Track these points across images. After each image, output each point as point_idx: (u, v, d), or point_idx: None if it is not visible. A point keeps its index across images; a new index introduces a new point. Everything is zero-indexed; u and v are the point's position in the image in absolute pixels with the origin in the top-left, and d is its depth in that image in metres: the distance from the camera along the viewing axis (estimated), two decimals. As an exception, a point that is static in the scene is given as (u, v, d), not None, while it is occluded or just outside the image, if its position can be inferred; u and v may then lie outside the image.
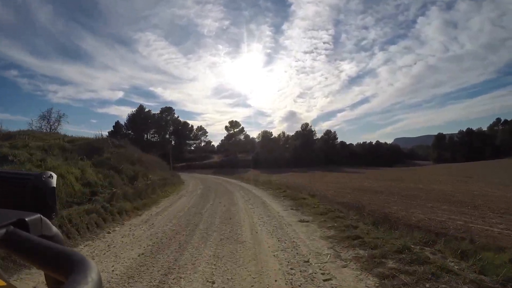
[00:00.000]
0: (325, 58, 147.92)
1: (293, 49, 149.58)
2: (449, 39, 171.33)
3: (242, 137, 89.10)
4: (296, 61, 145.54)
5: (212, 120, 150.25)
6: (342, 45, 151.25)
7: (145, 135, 71.91)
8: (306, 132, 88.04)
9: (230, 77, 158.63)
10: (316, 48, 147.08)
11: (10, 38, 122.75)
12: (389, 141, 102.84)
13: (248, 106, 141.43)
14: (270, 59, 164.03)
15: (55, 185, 0.59)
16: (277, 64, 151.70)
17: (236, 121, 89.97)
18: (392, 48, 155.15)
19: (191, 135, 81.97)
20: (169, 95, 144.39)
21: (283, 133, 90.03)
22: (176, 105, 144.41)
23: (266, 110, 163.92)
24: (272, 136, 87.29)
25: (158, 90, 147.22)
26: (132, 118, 69.93)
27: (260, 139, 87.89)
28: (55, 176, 0.59)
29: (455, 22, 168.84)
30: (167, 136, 76.30)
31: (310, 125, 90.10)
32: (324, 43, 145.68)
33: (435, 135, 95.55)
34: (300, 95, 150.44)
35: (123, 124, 69.79)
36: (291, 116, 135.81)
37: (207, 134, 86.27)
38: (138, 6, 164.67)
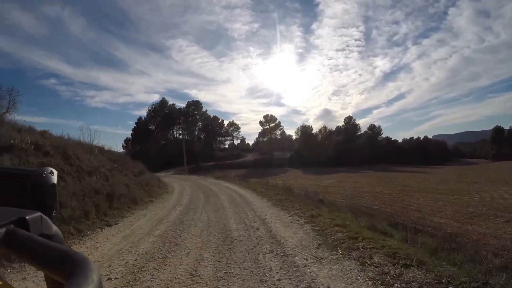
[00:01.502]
0: (357, 55, 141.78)
1: (325, 47, 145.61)
2: (483, 29, 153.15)
3: (278, 133, 79.26)
4: (328, 59, 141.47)
5: (247, 120, 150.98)
6: (374, 41, 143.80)
7: (172, 131, 64.47)
8: (349, 126, 76.76)
9: (263, 78, 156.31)
10: (347, 46, 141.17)
11: (47, 50, 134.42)
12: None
13: (282, 105, 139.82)
14: (302, 58, 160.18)
15: (55, 182, 0.55)
16: (310, 63, 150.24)
17: (271, 115, 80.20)
18: (426, 41, 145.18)
19: (221, 131, 73.59)
20: (204, 96, 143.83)
21: (325, 127, 79.08)
22: (211, 106, 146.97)
23: (301, 108, 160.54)
24: (313, 132, 76.79)
25: (193, 92, 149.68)
26: (153, 112, 62.66)
27: (298, 135, 77.72)
28: (55, 172, 0.56)
29: (487, 11, 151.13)
30: (196, 132, 68.35)
31: (353, 118, 78.82)
32: (355, 40, 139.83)
33: (492, 128, 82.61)
34: (335, 93, 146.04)
35: (144, 118, 62.91)
36: (326, 114, 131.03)
37: (239, 130, 77.31)
38: (167, 15, 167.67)
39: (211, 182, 17.65)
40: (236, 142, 78.88)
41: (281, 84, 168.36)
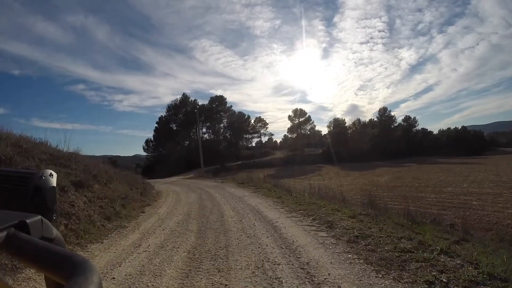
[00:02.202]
0: (382, 47, 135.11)
1: (348, 41, 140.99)
2: (509, 13, 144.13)
3: (309, 127, 72.87)
4: (353, 53, 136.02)
5: (273, 118, 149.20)
6: (398, 32, 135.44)
7: (195, 130, 59.93)
8: (384, 118, 69.05)
9: (288, 75, 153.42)
10: (371, 38, 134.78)
11: (74, 56, 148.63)
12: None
13: (308, 102, 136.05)
14: (326, 53, 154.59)
15: (55, 185, 0.55)
16: (334, 57, 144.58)
17: (301, 109, 73.85)
18: (451, 29, 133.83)
19: (248, 128, 68.31)
20: (229, 96, 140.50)
21: (358, 120, 72.15)
22: (237, 105, 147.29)
23: (327, 104, 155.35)
24: (346, 125, 69.90)
25: (218, 92, 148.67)
26: (173, 109, 57.99)
27: (331, 128, 71.04)
28: (55, 174, 0.56)
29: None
30: (221, 130, 63.53)
31: (388, 109, 71.67)
32: (379, 31, 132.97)
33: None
34: (361, 88, 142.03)
35: (164, 117, 58.50)
36: (353, 109, 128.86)
37: (267, 127, 71.67)
38: (189, 17, 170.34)
39: (230, 194, 10.96)
40: (263, 139, 73.59)
41: (306, 81, 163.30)
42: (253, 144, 72.44)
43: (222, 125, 62.87)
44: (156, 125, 56.23)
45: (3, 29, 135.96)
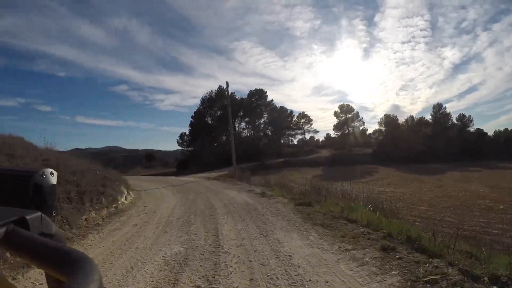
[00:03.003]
0: (424, 47, 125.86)
1: (389, 40, 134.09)
2: None
3: (357, 124, 65.17)
4: (394, 52, 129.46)
5: (314, 117, 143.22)
6: (441, 30, 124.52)
7: (234, 125, 55.42)
8: (439, 116, 60.15)
9: (328, 75, 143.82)
10: (413, 37, 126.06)
11: (117, 58, 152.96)
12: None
13: (349, 102, 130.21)
14: (366, 53, 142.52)
15: (55, 183, 0.56)
16: (375, 57, 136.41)
17: (348, 105, 66.37)
18: (496, 26, 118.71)
19: (291, 125, 62.49)
20: (270, 95, 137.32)
21: (411, 117, 64.23)
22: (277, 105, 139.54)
23: (368, 105, 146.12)
24: (398, 122, 61.89)
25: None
26: (208, 101, 53.33)
27: (382, 126, 62.93)
28: (55, 173, 0.56)
29: None
30: (262, 126, 58.40)
31: (443, 106, 62.90)
32: (421, 30, 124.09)
33: None
34: (402, 88, 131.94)
35: (198, 109, 54.16)
36: (395, 109, 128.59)
37: (311, 123, 65.21)
38: (229, 18, 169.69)
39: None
40: (307, 136, 67.26)
41: (346, 81, 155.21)
42: (295, 142, 66.79)
43: (262, 120, 57.46)
44: (192, 119, 52.47)
45: (49, 33, 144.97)
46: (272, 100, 58.59)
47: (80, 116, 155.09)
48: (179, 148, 54.02)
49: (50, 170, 0.56)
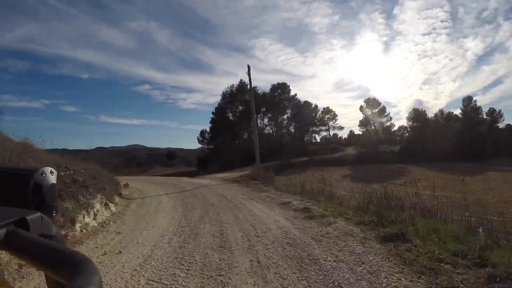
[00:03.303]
0: (446, 38, 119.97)
1: (410, 33, 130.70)
2: None
3: (384, 120, 59.85)
4: (415, 45, 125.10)
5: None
6: (462, 21, 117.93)
7: (258, 121, 51.83)
8: (469, 110, 54.73)
9: (349, 70, 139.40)
10: (434, 29, 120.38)
11: (138, 59, 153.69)
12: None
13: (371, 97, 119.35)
14: (387, 46, 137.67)
15: (55, 182, 0.54)
16: (396, 51, 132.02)
17: (374, 98, 61.01)
18: None
19: (315, 120, 58.02)
20: (291, 92, 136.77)
21: (441, 111, 58.48)
22: None
23: (391, 100, 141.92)
24: (427, 116, 57.97)
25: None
26: (229, 96, 49.37)
27: (411, 121, 57.76)
28: (55, 172, 0.55)
29: None
30: (285, 122, 54.17)
31: (474, 99, 56.52)
32: (441, 21, 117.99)
33: None
34: (425, 82, 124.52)
35: (219, 104, 50.49)
36: (418, 105, 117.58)
37: (336, 119, 60.36)
38: (247, 16, 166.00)
39: None
40: (331, 133, 62.44)
41: (368, 76, 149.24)
42: (318, 140, 62.38)
43: (285, 116, 53.42)
44: (212, 116, 49.32)
45: (71, 38, 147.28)
46: (295, 95, 54.50)
47: (103, 115, 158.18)
48: (200, 146, 51.23)
49: (50, 168, 0.53)
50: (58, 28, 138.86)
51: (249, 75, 17.33)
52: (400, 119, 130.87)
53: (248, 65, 17.19)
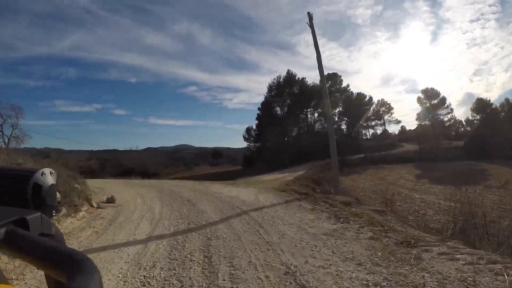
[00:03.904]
0: (495, 24, 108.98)
1: (457, 20, 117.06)
2: None
3: (444, 112, 52.77)
4: (463, 33, 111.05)
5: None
6: (511, 5, 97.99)
7: (305, 116, 48.29)
8: None
9: (395, 63, 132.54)
10: (482, 14, 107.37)
11: (183, 61, 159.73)
12: None
13: (419, 91, 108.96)
14: (434, 36, 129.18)
15: (55, 182, 0.54)
16: (443, 40, 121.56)
17: (432, 89, 53.63)
18: None
19: (370, 114, 52.57)
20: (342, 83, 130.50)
21: (507, 100, 50.04)
22: None
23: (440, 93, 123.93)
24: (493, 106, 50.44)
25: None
26: (276, 88, 45.61)
27: (475, 112, 51.98)
28: (55, 172, 0.55)
29: None
30: (337, 117, 48.69)
31: None
32: (489, 6, 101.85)
33: None
34: (476, 73, 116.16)
35: (265, 98, 47.03)
36: (469, 98, 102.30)
37: (392, 112, 54.19)
38: (288, 12, 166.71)
39: None
40: (386, 126, 56.23)
41: (415, 68, 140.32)
42: (369, 136, 56.79)
43: (337, 110, 48.74)
44: (258, 112, 46.26)
45: (117, 43, 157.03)
46: (348, 86, 49.68)
47: (152, 117, 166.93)
48: (246, 144, 49.14)
49: (50, 169, 0.53)
50: (104, 35, 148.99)
51: (311, 26, 13.58)
52: (449, 114, 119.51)
53: (308, 12, 13.42)
